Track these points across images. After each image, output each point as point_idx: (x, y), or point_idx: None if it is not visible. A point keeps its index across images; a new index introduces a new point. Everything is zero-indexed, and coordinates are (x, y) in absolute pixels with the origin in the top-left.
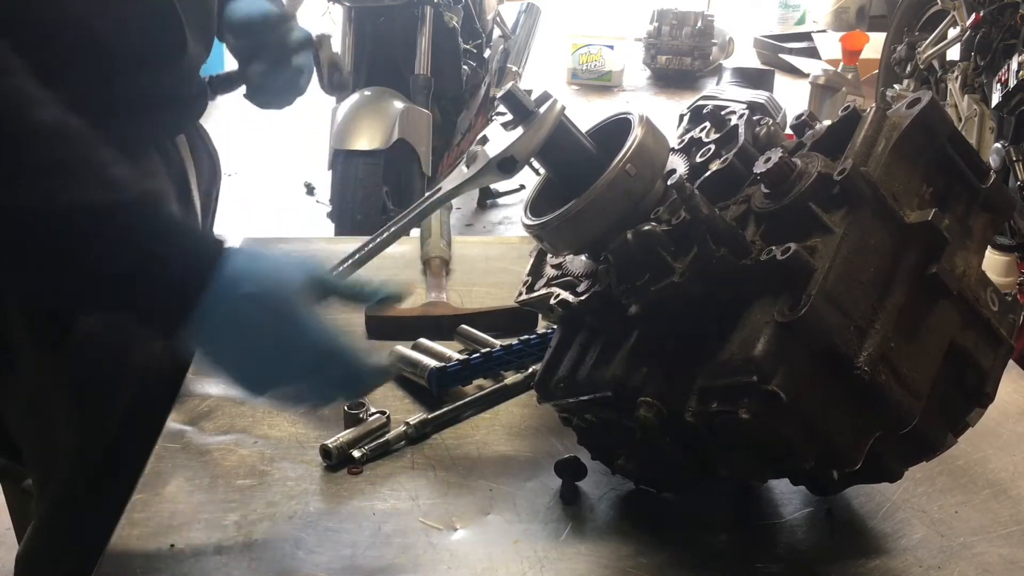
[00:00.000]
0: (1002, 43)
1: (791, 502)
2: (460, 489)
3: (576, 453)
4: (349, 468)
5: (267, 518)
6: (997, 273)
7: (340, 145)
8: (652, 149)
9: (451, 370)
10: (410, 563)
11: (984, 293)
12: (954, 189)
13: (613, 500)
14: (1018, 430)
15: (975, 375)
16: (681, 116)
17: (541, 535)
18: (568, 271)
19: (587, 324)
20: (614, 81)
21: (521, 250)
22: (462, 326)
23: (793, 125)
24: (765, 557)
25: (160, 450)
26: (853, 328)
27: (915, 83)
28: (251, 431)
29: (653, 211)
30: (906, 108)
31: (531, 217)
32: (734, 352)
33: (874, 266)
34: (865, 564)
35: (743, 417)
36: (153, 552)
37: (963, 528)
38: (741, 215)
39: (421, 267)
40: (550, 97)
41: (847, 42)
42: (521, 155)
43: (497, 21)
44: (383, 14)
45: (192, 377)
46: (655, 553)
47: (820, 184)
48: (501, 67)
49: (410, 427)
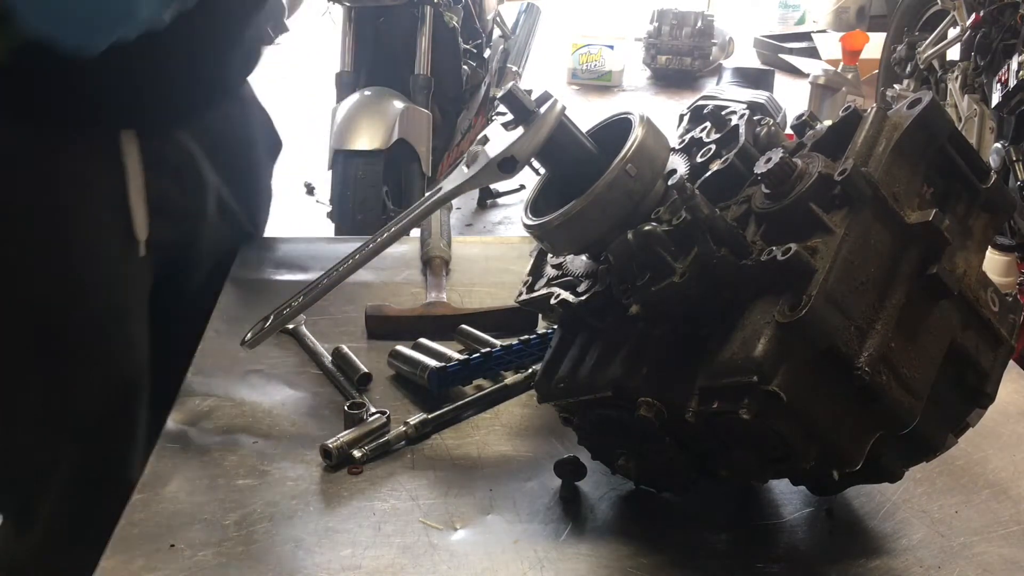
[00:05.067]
0: (1002, 43)
1: (791, 502)
2: (460, 489)
3: (576, 453)
4: (349, 468)
5: (267, 518)
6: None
7: (340, 145)
8: (652, 149)
9: (451, 370)
10: (410, 563)
11: (984, 293)
12: (954, 189)
13: (613, 500)
14: (1018, 430)
15: (975, 375)
16: (681, 116)
17: (541, 535)
18: (568, 271)
19: (587, 324)
20: (614, 81)
21: (521, 250)
22: (462, 326)
23: (793, 125)
24: (765, 557)
25: (160, 450)
26: (853, 328)
27: (915, 83)
28: (251, 431)
29: (653, 211)
30: (906, 108)
31: (531, 217)
32: (734, 352)
33: (874, 266)
34: (865, 564)
35: (743, 417)
36: (153, 552)
37: (963, 528)
38: (742, 215)
39: (421, 267)
40: (550, 97)
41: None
42: (521, 155)
43: (497, 21)
44: (383, 14)
45: (192, 377)
46: (655, 553)
47: (821, 184)
48: (501, 67)
49: (410, 427)
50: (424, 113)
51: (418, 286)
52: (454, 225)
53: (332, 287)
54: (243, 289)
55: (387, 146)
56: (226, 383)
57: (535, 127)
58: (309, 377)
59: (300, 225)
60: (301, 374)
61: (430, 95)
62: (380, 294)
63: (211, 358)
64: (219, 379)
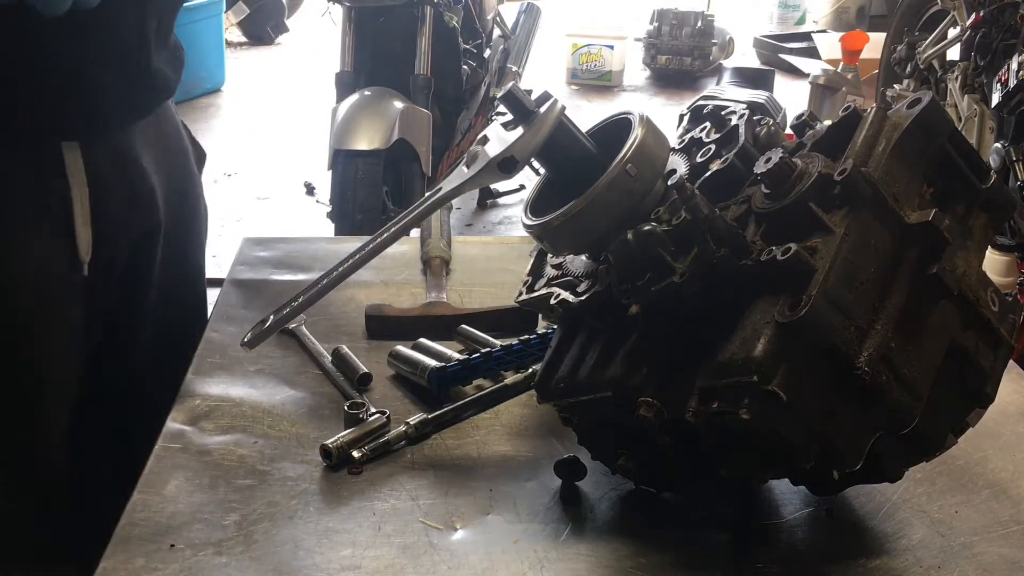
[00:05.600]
0: (1002, 43)
1: (791, 502)
2: (460, 489)
3: (576, 453)
4: (349, 468)
5: (267, 518)
6: (997, 273)
7: (340, 145)
8: (652, 149)
9: (451, 370)
10: (410, 563)
11: (984, 293)
12: (954, 189)
13: (613, 500)
14: (1018, 430)
15: (975, 375)
16: (681, 116)
17: (541, 535)
18: (568, 271)
19: (587, 324)
20: (614, 81)
21: (521, 250)
22: (462, 326)
23: (793, 125)
24: (765, 557)
25: (160, 450)
26: (853, 328)
27: (915, 83)
28: (251, 431)
29: (653, 211)
30: (906, 108)
31: (531, 217)
32: (734, 352)
33: (874, 266)
34: (865, 564)
35: (743, 417)
36: (153, 552)
37: (963, 528)
38: (741, 215)
39: (421, 267)
40: (550, 97)
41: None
42: (521, 155)
43: (497, 21)
44: (383, 14)
45: (192, 377)
46: (655, 553)
47: (821, 184)
48: (501, 67)
49: (410, 427)
50: (424, 113)
51: (418, 286)
52: (454, 225)
53: (332, 287)
54: (243, 289)
55: (387, 146)
56: (226, 383)
57: (535, 127)
58: (309, 377)
59: (300, 225)
60: (301, 374)
61: (430, 95)
62: (380, 294)
63: (211, 358)
64: (219, 379)
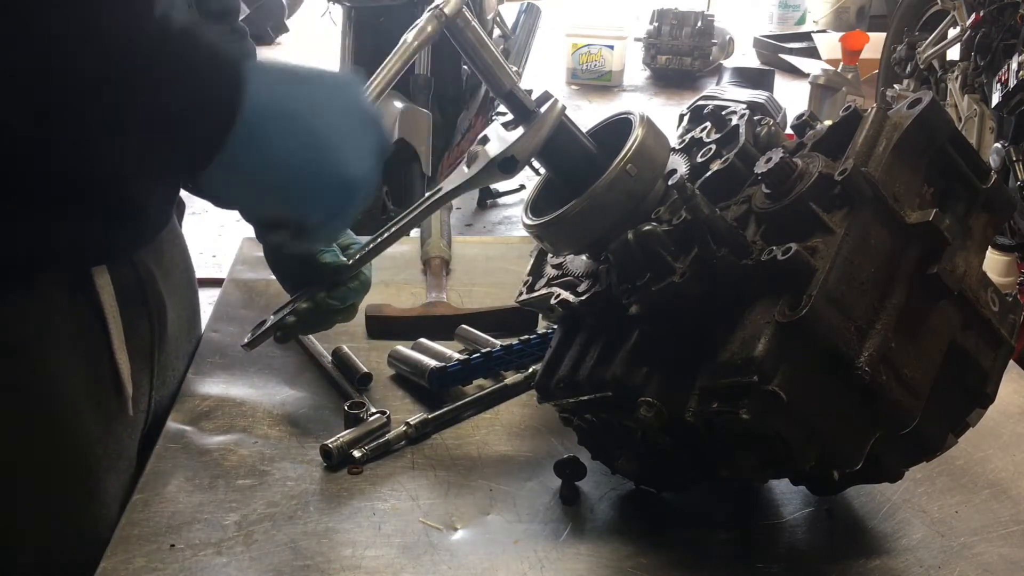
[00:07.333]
0: (1002, 43)
1: (791, 502)
2: (460, 489)
3: (576, 453)
4: (349, 468)
5: (267, 518)
6: (997, 273)
7: None
8: (653, 149)
9: (451, 370)
10: (410, 563)
11: (985, 293)
12: (954, 189)
13: (613, 500)
14: (1018, 430)
15: (975, 375)
16: (681, 116)
17: (541, 535)
18: (569, 271)
19: (587, 324)
20: (614, 81)
21: (521, 250)
22: (462, 326)
23: (793, 125)
24: (765, 557)
25: (160, 450)
26: (853, 328)
27: (915, 83)
28: (251, 431)
29: (654, 211)
30: (907, 108)
31: (531, 217)
32: (734, 352)
33: (875, 266)
34: (865, 564)
35: (743, 417)
36: (153, 552)
37: (963, 528)
38: (742, 215)
39: (421, 267)
40: (550, 97)
41: (847, 42)
42: (522, 155)
43: (497, 21)
44: (383, 14)
45: (192, 377)
46: (655, 553)
47: (821, 184)
48: None
49: (410, 427)
50: (424, 113)
51: (418, 286)
52: (454, 225)
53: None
54: (243, 289)
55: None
56: (226, 383)
57: (535, 127)
58: (309, 377)
59: None
60: (301, 374)
61: (430, 95)
62: (380, 294)
63: (211, 358)
64: (219, 379)
